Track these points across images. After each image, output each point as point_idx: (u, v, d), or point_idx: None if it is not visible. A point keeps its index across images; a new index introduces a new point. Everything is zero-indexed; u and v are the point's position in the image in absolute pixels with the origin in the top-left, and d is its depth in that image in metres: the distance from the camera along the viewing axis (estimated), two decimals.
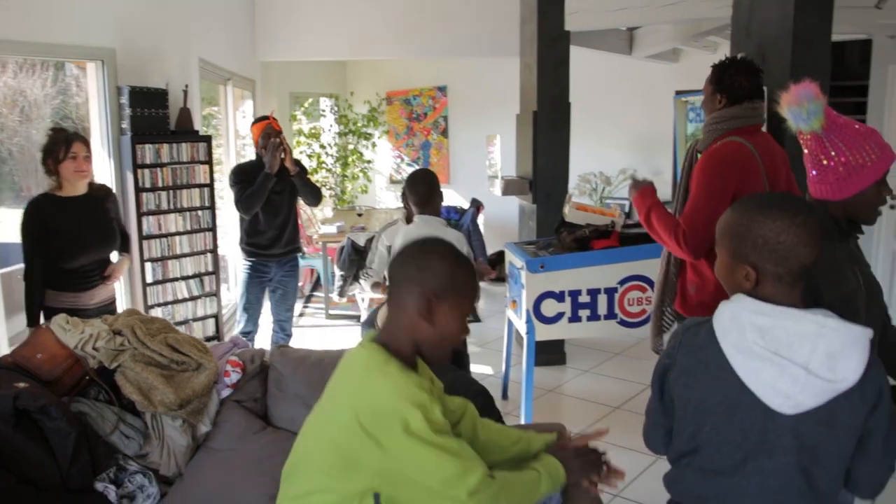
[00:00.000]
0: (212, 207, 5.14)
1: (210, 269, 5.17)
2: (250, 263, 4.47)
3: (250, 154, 7.36)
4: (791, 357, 1.42)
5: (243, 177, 4.32)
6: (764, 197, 1.58)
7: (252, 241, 4.43)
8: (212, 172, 5.14)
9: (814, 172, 1.89)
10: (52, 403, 2.26)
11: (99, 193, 3.65)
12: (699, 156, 2.85)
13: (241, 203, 4.30)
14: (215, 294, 5.24)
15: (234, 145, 6.96)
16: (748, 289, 1.52)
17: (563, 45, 5.53)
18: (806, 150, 1.91)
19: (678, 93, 4.71)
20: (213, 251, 5.19)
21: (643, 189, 2.88)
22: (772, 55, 3.91)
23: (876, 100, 6.59)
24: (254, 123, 4.50)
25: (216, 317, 5.25)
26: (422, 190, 3.58)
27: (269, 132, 4.29)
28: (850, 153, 1.81)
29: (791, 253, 1.45)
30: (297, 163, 4.52)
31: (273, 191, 4.31)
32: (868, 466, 1.53)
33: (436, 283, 1.57)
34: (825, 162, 1.84)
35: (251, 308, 4.52)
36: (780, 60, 3.83)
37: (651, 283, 4.03)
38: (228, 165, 6.70)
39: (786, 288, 1.49)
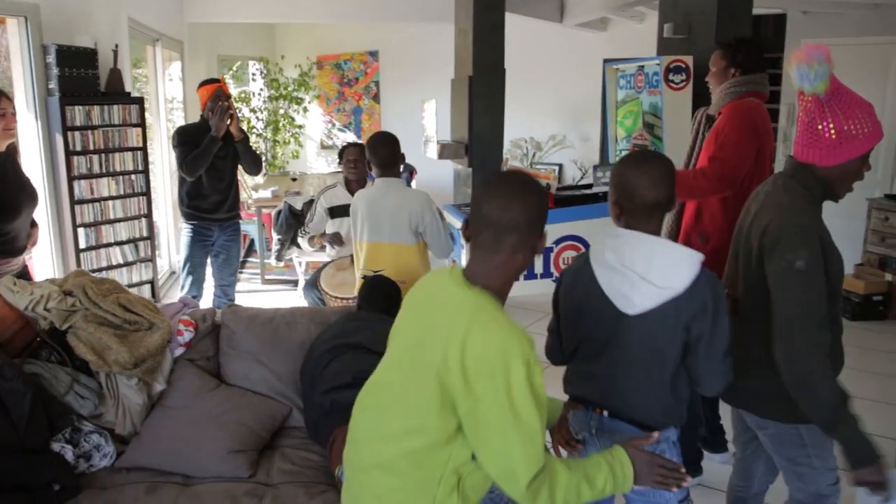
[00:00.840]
0: (145, 171, 5.06)
1: (145, 234, 5.11)
2: (192, 226, 4.40)
3: (179, 118, 7.22)
4: (632, 266, 1.80)
5: (187, 138, 4.23)
6: (635, 153, 2.05)
7: (194, 204, 4.36)
8: (145, 135, 5.06)
9: (805, 135, 1.93)
10: (5, 364, 2.26)
11: (11, 152, 3.50)
12: (714, 118, 3.18)
13: (185, 165, 4.21)
14: (150, 260, 5.18)
15: (164, 108, 6.80)
16: (616, 219, 1.91)
17: (499, 11, 5.60)
18: (802, 112, 1.94)
19: (606, 61, 4.86)
20: (148, 216, 5.12)
21: None
22: (697, 25, 4.11)
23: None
24: (202, 85, 4.40)
25: (152, 283, 5.20)
26: (383, 153, 3.52)
27: (218, 95, 4.22)
28: (847, 122, 1.87)
29: (635, 192, 1.82)
30: (243, 130, 4.48)
31: (217, 156, 4.25)
32: (696, 365, 1.86)
33: (539, 220, 1.61)
34: (820, 126, 1.89)
35: (195, 271, 4.46)
36: (706, 30, 4.04)
37: (584, 243, 4.22)
38: (158, 129, 6.56)
39: (639, 221, 1.84)
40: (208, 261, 4.56)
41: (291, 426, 2.71)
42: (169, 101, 7.06)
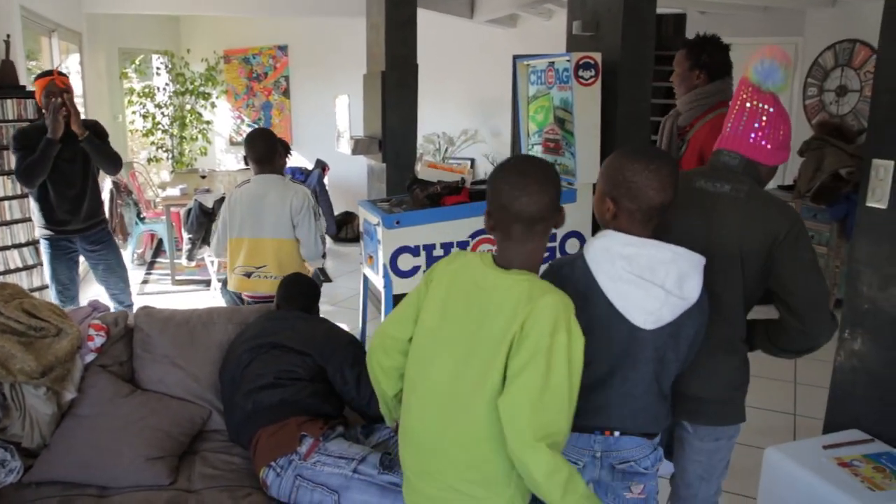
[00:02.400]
0: None
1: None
2: (48, 241, 3.90)
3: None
4: (652, 279, 1.66)
5: (25, 142, 3.68)
6: (637, 146, 1.81)
7: (47, 217, 3.85)
8: None
9: (760, 134, 1.92)
10: None
11: None
12: (688, 128, 3.13)
13: (20, 174, 3.68)
14: None
15: None
16: (609, 219, 1.76)
17: (410, 6, 5.61)
18: (757, 108, 1.93)
19: (517, 56, 4.95)
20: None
21: None
22: (605, 23, 4.25)
23: None
24: (36, 78, 3.81)
25: None
26: (261, 148, 3.50)
27: (51, 90, 3.64)
28: (786, 129, 1.93)
29: (640, 192, 1.68)
30: (96, 124, 3.96)
31: (62, 158, 3.73)
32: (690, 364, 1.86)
33: (558, 201, 1.67)
34: (772, 129, 1.91)
35: (65, 290, 3.99)
36: (613, 27, 4.18)
37: None
38: None
39: (637, 224, 1.72)
40: (78, 272, 4.12)
41: (211, 429, 2.65)
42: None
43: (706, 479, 2.09)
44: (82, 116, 3.83)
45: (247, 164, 3.71)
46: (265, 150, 3.49)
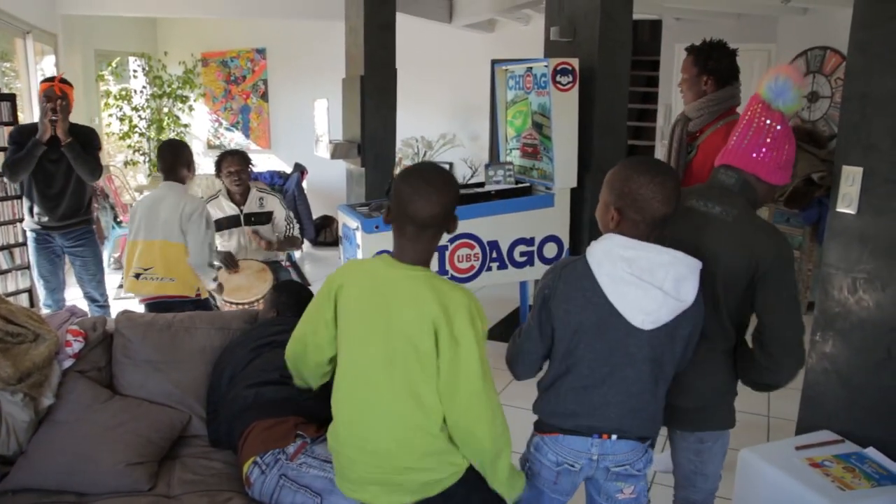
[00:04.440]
0: None
1: (20, 240, 4.83)
2: (32, 234, 4.24)
3: None
4: (651, 281, 1.73)
5: (19, 139, 4.01)
6: (642, 159, 1.85)
7: (29, 211, 4.18)
8: None
9: (765, 151, 1.94)
10: None
11: None
12: (698, 134, 3.15)
13: (5, 167, 4.01)
14: (27, 267, 4.89)
15: (37, 106, 6.41)
16: (612, 229, 1.81)
17: (389, 9, 5.64)
18: (765, 124, 1.95)
19: (495, 62, 5.00)
20: (23, 220, 4.82)
21: None
22: (582, 28, 4.30)
23: (665, 74, 7.34)
24: (42, 83, 4.16)
25: (30, 291, 4.92)
26: (168, 158, 3.72)
27: (48, 95, 3.95)
28: (790, 149, 1.96)
29: (646, 204, 1.74)
30: (89, 132, 4.23)
31: (48, 159, 4.02)
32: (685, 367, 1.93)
33: (453, 210, 1.85)
34: (777, 148, 1.93)
35: (46, 281, 4.28)
36: (590, 33, 4.23)
37: (478, 241, 4.32)
38: None
39: (641, 234, 1.78)
40: (62, 267, 4.37)
41: (191, 434, 2.63)
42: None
43: (700, 473, 2.18)
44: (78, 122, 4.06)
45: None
46: (172, 160, 3.72)
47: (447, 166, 8.62)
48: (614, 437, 1.87)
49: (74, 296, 4.51)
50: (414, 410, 1.83)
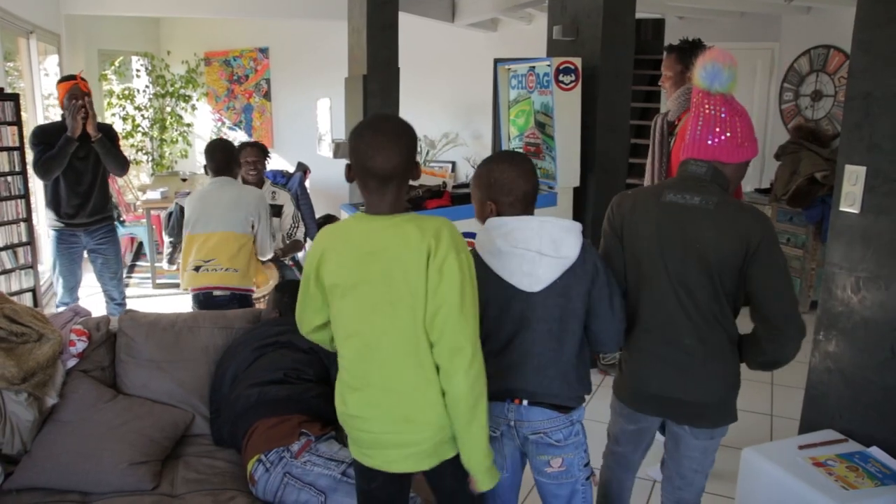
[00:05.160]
0: (23, 173, 4.78)
1: (24, 239, 4.83)
2: (56, 232, 4.24)
3: (55, 115, 6.84)
4: (526, 247, 1.91)
5: (44, 139, 4.05)
6: (498, 152, 2.14)
7: (55, 209, 4.20)
8: (21, 135, 4.77)
9: (717, 135, 1.98)
10: None
11: None
12: (676, 122, 3.30)
13: (38, 167, 4.04)
14: (31, 267, 4.90)
15: (41, 105, 6.44)
16: (485, 217, 1.98)
17: (392, 9, 5.63)
18: (708, 111, 2.00)
19: (498, 61, 4.99)
20: (27, 220, 4.85)
21: None
22: (585, 27, 4.29)
23: None
24: (60, 82, 4.20)
25: (34, 291, 4.92)
26: (220, 158, 3.73)
27: (74, 93, 4.01)
28: (745, 124, 1.99)
29: (513, 184, 1.94)
30: (109, 128, 4.31)
31: (77, 157, 4.09)
32: (602, 325, 1.99)
33: (412, 157, 1.81)
34: (729, 128, 1.97)
35: (65, 278, 4.31)
36: (593, 32, 4.22)
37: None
38: (32, 127, 6.19)
39: (518, 212, 1.95)
40: (81, 266, 4.41)
41: (194, 434, 2.65)
42: (46, 98, 6.67)
43: (700, 471, 2.19)
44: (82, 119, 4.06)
45: (206, 172, 3.86)
46: (223, 160, 3.72)
47: (449, 166, 8.62)
48: (525, 401, 1.97)
49: (88, 294, 4.53)
50: (414, 360, 1.78)
